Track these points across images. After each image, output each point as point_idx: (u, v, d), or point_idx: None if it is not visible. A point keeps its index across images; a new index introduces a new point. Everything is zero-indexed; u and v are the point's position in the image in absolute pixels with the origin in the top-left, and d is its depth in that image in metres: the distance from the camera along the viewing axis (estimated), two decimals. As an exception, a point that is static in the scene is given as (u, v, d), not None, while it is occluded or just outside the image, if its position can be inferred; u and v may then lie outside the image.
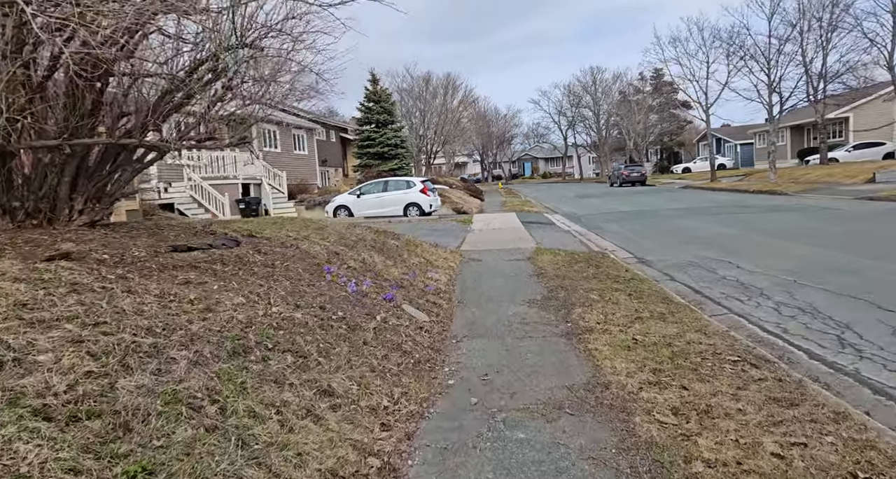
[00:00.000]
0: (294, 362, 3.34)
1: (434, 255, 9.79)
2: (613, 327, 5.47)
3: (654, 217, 17.71)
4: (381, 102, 32.28)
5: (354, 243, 7.83)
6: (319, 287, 5.01)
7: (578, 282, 7.77)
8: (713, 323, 5.50)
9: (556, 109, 69.17)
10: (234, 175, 21.12)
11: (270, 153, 25.75)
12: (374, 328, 4.65)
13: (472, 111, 58.48)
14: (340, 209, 21.06)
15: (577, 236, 14.10)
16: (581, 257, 10.09)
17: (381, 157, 31.97)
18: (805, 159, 36.19)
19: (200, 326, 3.11)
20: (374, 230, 9.69)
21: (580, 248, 11.78)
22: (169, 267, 4.01)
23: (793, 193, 22.76)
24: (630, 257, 10.85)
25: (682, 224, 15.29)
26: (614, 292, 6.94)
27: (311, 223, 8.30)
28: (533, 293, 7.33)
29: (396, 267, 7.54)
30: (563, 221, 18.70)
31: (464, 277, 8.69)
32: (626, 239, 13.24)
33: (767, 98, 26.26)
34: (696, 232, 13.46)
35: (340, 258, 6.34)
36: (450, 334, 5.57)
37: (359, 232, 8.91)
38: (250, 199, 21.21)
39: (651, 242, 12.55)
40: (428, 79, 45.67)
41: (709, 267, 9.07)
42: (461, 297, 7.29)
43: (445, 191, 29.47)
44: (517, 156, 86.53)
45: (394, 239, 9.53)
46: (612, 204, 24.87)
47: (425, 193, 20.59)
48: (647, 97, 60.98)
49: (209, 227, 5.45)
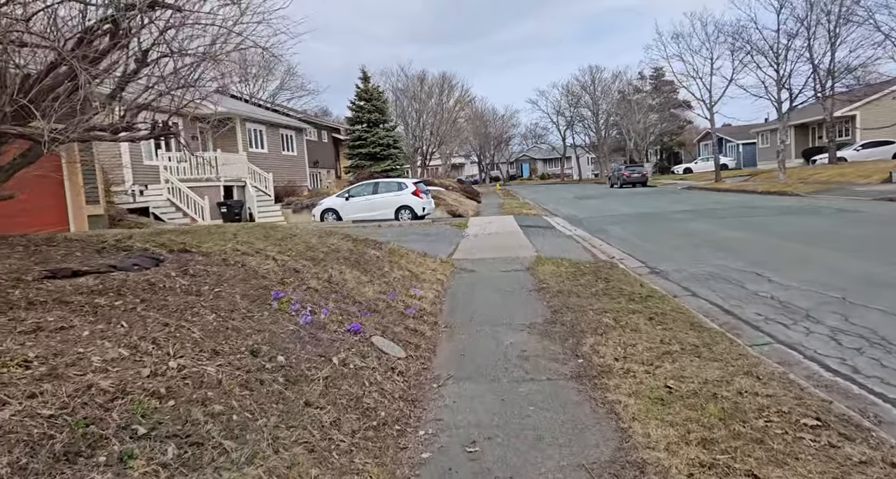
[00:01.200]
0: (177, 455, 2.20)
1: (421, 266, 8.66)
2: (637, 365, 4.34)
3: (661, 220, 16.59)
4: (373, 100, 31.10)
5: (324, 255, 6.68)
6: (259, 321, 3.87)
7: (587, 300, 6.63)
8: (763, 361, 4.37)
9: (554, 109, 68.19)
10: (216, 177, 19.96)
11: (256, 154, 24.60)
12: (327, 378, 3.51)
13: (468, 111, 57.41)
14: (328, 213, 19.91)
15: (579, 242, 12.98)
16: (587, 267, 8.96)
17: (373, 157, 30.77)
18: (811, 159, 35.13)
19: (18, 409, 1.99)
20: (352, 239, 8.55)
21: (584, 256, 10.65)
22: (22, 304, 2.90)
23: (804, 194, 21.67)
24: (641, 266, 9.73)
25: (693, 228, 14.17)
26: (632, 315, 5.81)
27: (277, 232, 7.16)
28: (534, 314, 6.20)
29: (373, 284, 6.39)
30: (563, 225, 17.58)
31: (454, 292, 7.55)
32: (634, 245, 12.11)
33: (776, 95, 25.21)
34: (710, 237, 12.33)
35: (300, 277, 5.20)
36: (431, 375, 4.43)
37: (333, 241, 7.77)
38: (232, 202, 20.05)
39: (662, 248, 11.43)
40: (423, 78, 44.60)
41: (734, 279, 7.94)
42: (449, 319, 6.15)
43: (440, 193, 28.34)
44: (515, 157, 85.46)
45: (375, 248, 8.39)
46: (613, 206, 23.76)
47: (418, 195, 19.46)
48: (647, 97, 59.99)
49: (126, 241, 4.34)
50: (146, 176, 19.05)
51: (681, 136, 69.83)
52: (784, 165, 25.75)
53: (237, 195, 21.26)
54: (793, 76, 24.02)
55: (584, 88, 61.58)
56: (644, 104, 55.47)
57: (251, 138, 24.46)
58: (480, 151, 71.42)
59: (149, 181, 19.09)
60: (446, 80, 46.67)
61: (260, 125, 25.16)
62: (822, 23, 26.24)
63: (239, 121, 23.30)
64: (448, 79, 47.17)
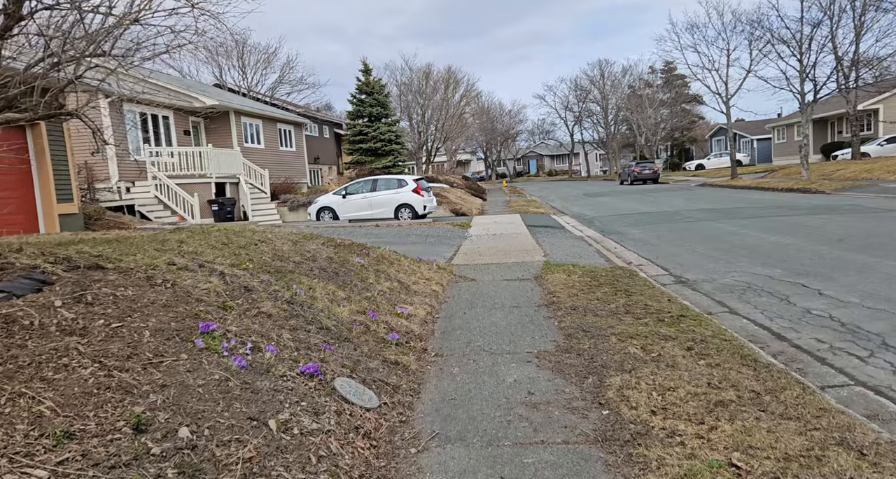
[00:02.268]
0: None
1: (414, 275, 7.59)
2: (683, 422, 3.25)
3: (680, 220, 15.44)
4: (375, 93, 29.96)
5: (295, 266, 5.63)
6: (169, 370, 2.82)
7: (607, 319, 5.55)
8: (855, 420, 3.27)
9: (562, 105, 66.89)
10: (207, 173, 18.98)
11: (252, 150, 23.62)
12: (250, 460, 2.45)
13: (474, 106, 56.22)
14: (324, 212, 18.89)
15: (592, 245, 11.87)
16: (603, 276, 7.87)
17: (374, 153, 29.66)
18: (832, 154, 33.69)
19: None
20: (335, 244, 7.49)
21: (599, 261, 9.55)
22: None
23: (831, 192, 20.42)
24: (664, 274, 8.62)
25: (718, 229, 13.01)
26: (664, 342, 4.72)
27: (241, 237, 6.10)
28: (543, 339, 5.13)
29: (351, 302, 5.34)
30: (574, 225, 16.47)
31: (450, 308, 6.49)
32: (654, 249, 11.00)
33: (799, 86, 23.86)
34: (738, 240, 11.19)
35: (251, 299, 4.14)
36: (409, 432, 3.38)
37: (311, 248, 6.72)
38: (224, 199, 19.07)
39: (686, 252, 10.30)
40: (428, 72, 43.43)
41: (776, 292, 6.83)
42: (441, 345, 5.09)
43: (444, 190, 27.27)
44: (522, 153, 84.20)
45: (360, 255, 7.33)
46: (626, 204, 22.59)
47: (419, 193, 18.39)
48: (657, 91, 58.52)
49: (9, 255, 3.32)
50: (134, 172, 18.11)
51: (692, 131, 68.28)
52: (807, 161, 24.44)
53: (230, 192, 20.28)
54: (817, 66, 22.64)
55: (593, 82, 60.24)
56: (655, 99, 54.03)
57: (246, 133, 23.47)
58: (487, 148, 70.24)
59: (136, 178, 18.15)
60: (451, 74, 45.52)
61: (256, 119, 24.16)
62: (847, 11, 24.87)
63: (233, 114, 22.31)
64: (454, 73, 46.02)
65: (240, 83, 35.92)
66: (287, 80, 38.37)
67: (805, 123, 25.29)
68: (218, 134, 22.39)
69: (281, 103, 35.08)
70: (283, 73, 38.16)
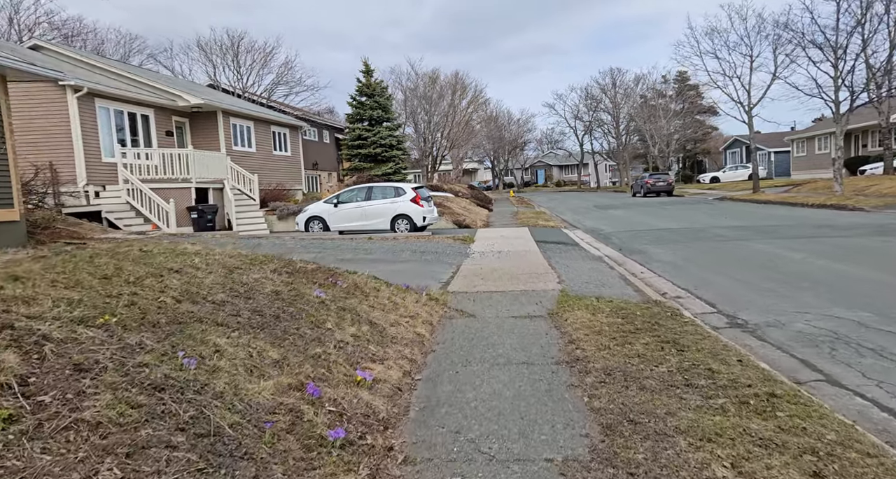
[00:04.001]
0: None
1: (395, 311, 5.87)
2: None
3: (710, 239, 13.65)
4: (376, 95, 28.29)
5: (212, 310, 3.92)
6: None
7: (661, 398, 3.80)
8: None
9: (571, 114, 65.22)
10: (187, 177, 17.37)
11: (242, 153, 22.04)
12: None
13: (482, 113, 54.68)
14: (313, 222, 17.21)
15: (614, 268, 10.12)
16: (637, 315, 6.12)
17: (373, 159, 27.95)
18: (859, 169, 31.79)
19: None
20: (292, 269, 5.79)
21: (626, 291, 7.80)
22: None
23: (871, 209, 18.58)
24: (711, 312, 6.86)
25: (757, 251, 11.23)
26: (767, 452, 2.96)
27: (147, 263, 4.41)
28: (569, 431, 3.39)
29: (285, 367, 3.62)
30: (588, 241, 14.73)
31: (437, 364, 4.76)
32: (688, 274, 9.23)
33: (833, 94, 22.02)
34: (789, 266, 9.40)
35: (74, 390, 2.43)
36: None
37: (254, 277, 5.01)
38: (205, 206, 17.43)
39: (728, 281, 8.53)
40: (435, 77, 41.93)
41: (884, 350, 5.05)
42: (415, 440, 3.36)
43: (448, 199, 25.61)
44: (530, 163, 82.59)
45: (324, 285, 5.62)
46: (643, 218, 20.82)
47: (418, 202, 16.70)
48: (669, 102, 56.78)
49: None
50: (106, 175, 16.53)
51: (705, 143, 66.40)
52: (841, 175, 22.56)
53: (213, 199, 18.65)
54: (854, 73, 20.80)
55: (605, 90, 58.59)
56: (668, 109, 52.33)
57: (236, 135, 21.90)
58: (494, 156, 68.64)
59: (108, 181, 16.58)
60: (459, 79, 44.00)
61: (247, 121, 22.60)
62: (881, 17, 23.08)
63: (221, 114, 20.75)
64: (461, 79, 44.50)
65: (234, 84, 34.43)
66: (285, 81, 36.85)
67: (840, 133, 23.42)
68: (204, 136, 20.84)
69: (278, 105, 33.57)
70: (281, 75, 36.62)
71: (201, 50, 35.96)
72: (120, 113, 17.45)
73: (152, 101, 18.56)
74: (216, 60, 35.01)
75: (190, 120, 20.73)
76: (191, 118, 20.68)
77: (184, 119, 20.51)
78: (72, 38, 37.84)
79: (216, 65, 34.97)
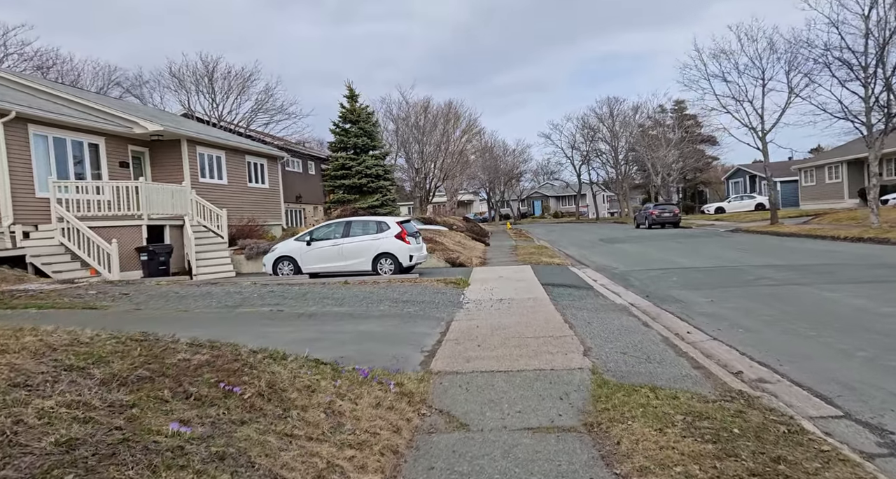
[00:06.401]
0: None
1: (336, 434, 3.48)
2: None
3: (754, 282, 11.35)
4: (361, 122, 26.29)
5: None
6: None
7: None
8: None
9: (568, 144, 63.75)
10: (137, 213, 15.09)
11: (212, 186, 19.85)
12: None
13: (476, 143, 53.07)
14: (283, 262, 14.87)
15: (650, 325, 7.77)
16: (733, 431, 3.75)
17: (358, 190, 25.75)
18: (881, 199, 29.78)
19: None
20: (156, 369, 3.44)
21: (685, 369, 5.44)
22: None
23: (920, 242, 16.40)
24: (834, 414, 4.48)
25: (831, 301, 8.92)
26: None
27: None
28: None
29: None
30: (604, 283, 12.41)
31: None
32: (757, 337, 6.87)
33: (865, 116, 20.10)
34: (894, 325, 7.07)
35: None
36: None
37: (50, 404, 2.62)
38: (157, 247, 15.09)
39: (826, 351, 6.17)
40: (427, 106, 40.29)
41: None
42: None
43: (441, 234, 23.37)
44: (526, 194, 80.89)
45: (204, 403, 3.24)
46: (658, 254, 18.55)
47: (403, 238, 14.42)
48: (668, 131, 55.41)
49: None
50: (40, 213, 14.23)
51: (705, 173, 64.90)
52: (877, 205, 20.50)
53: (171, 237, 16.32)
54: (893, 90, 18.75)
55: (602, 120, 57.24)
56: (669, 139, 50.85)
57: (204, 166, 19.74)
58: (490, 188, 66.88)
59: (42, 220, 14.26)
60: (452, 108, 42.40)
61: (217, 150, 20.48)
62: None
63: (185, 143, 18.62)
64: (454, 108, 42.91)
65: (210, 112, 32.53)
66: (266, 109, 34.82)
67: (874, 159, 21.42)
68: (167, 167, 18.67)
69: (258, 135, 31.60)
70: (261, 102, 34.57)
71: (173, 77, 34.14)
72: (62, 141, 15.27)
73: (103, 128, 16.43)
74: (189, 87, 33.18)
75: (150, 149, 18.59)
76: (151, 147, 18.55)
77: (142, 149, 18.37)
78: (46, 69, 36.18)
79: (189, 92, 33.13)
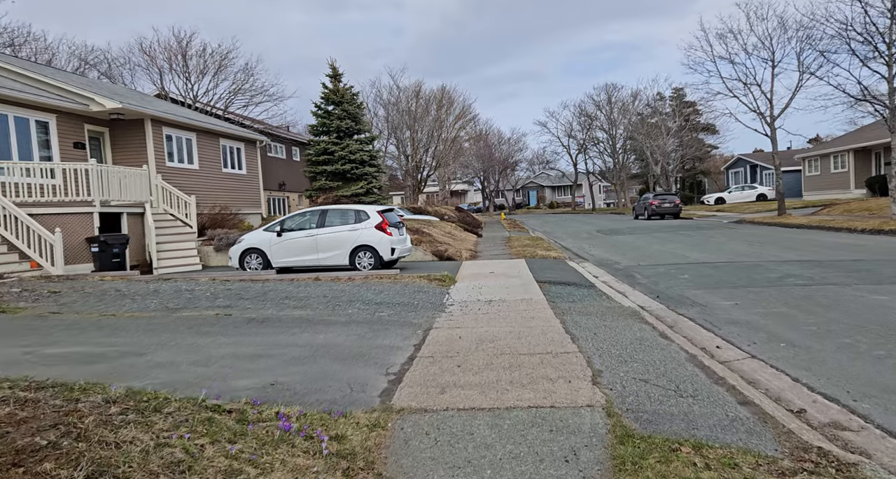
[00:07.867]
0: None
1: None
2: None
3: (780, 281, 9.98)
4: (345, 103, 24.63)
5: None
6: None
7: None
8: None
9: (564, 132, 62.21)
10: (87, 199, 13.55)
11: (181, 170, 18.29)
12: None
13: (470, 130, 51.46)
14: (250, 255, 13.39)
15: (668, 336, 6.36)
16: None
17: (341, 177, 24.18)
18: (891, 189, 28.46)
19: None
20: None
21: (730, 409, 4.06)
22: None
23: (949, 235, 15.09)
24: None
25: (885, 307, 7.55)
26: None
27: None
28: None
29: None
30: (606, 281, 11.02)
31: None
32: (808, 355, 5.49)
33: (889, 98, 18.69)
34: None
35: None
36: None
37: None
38: (110, 238, 13.57)
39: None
40: (418, 90, 38.62)
41: None
42: None
43: (430, 224, 21.93)
44: (521, 183, 79.44)
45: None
46: (661, 246, 17.18)
47: (384, 229, 12.96)
48: (667, 119, 53.93)
49: None
50: (-25, 197, 12.66)
51: (704, 163, 63.52)
52: (902, 195, 19.15)
53: (128, 226, 14.79)
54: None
55: (600, 107, 55.67)
56: (668, 127, 49.39)
57: (172, 149, 18.16)
58: (484, 177, 65.34)
59: (-24, 205, 12.70)
60: (445, 93, 40.74)
61: (187, 132, 18.89)
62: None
63: (149, 123, 17.02)
64: (447, 92, 41.24)
65: (185, 93, 30.72)
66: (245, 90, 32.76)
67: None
68: (129, 149, 17.08)
69: (237, 118, 29.91)
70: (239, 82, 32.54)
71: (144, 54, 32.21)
72: (2, 117, 13.67)
73: (53, 104, 14.82)
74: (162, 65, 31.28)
75: (111, 130, 16.98)
76: (111, 128, 16.94)
77: (102, 129, 16.77)
78: (17, 47, 34.23)
79: (162, 70, 31.25)
